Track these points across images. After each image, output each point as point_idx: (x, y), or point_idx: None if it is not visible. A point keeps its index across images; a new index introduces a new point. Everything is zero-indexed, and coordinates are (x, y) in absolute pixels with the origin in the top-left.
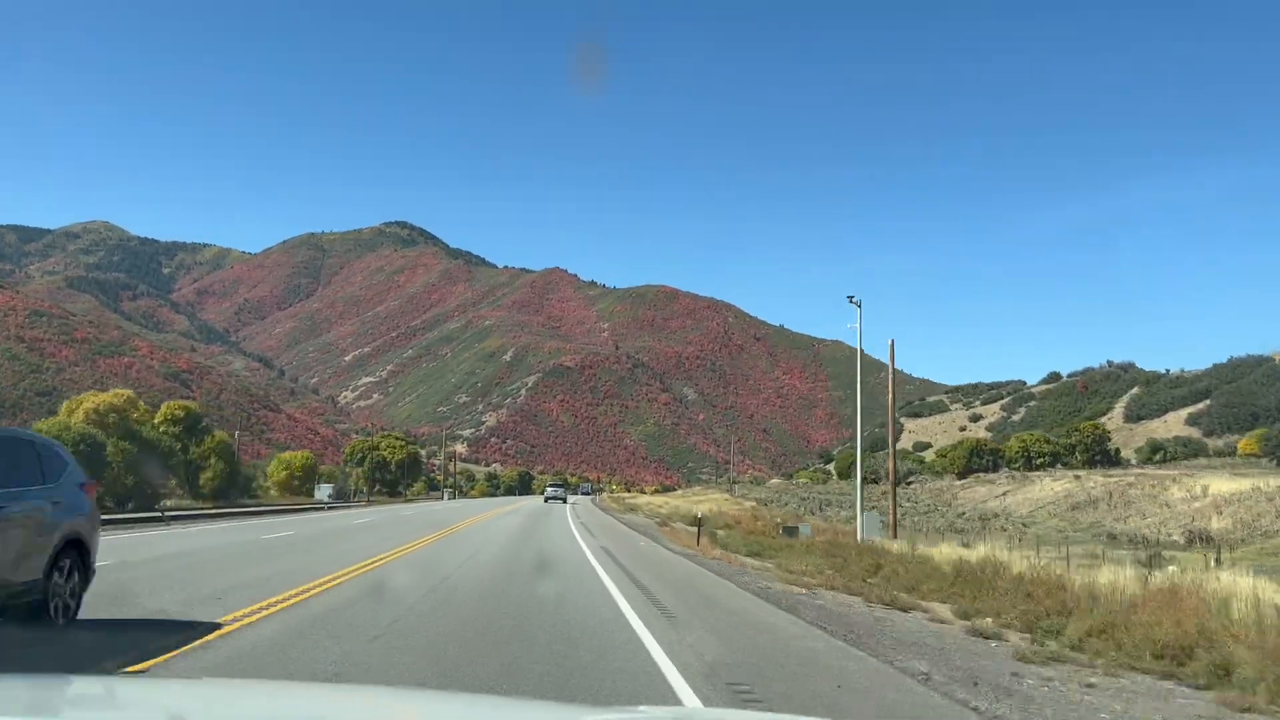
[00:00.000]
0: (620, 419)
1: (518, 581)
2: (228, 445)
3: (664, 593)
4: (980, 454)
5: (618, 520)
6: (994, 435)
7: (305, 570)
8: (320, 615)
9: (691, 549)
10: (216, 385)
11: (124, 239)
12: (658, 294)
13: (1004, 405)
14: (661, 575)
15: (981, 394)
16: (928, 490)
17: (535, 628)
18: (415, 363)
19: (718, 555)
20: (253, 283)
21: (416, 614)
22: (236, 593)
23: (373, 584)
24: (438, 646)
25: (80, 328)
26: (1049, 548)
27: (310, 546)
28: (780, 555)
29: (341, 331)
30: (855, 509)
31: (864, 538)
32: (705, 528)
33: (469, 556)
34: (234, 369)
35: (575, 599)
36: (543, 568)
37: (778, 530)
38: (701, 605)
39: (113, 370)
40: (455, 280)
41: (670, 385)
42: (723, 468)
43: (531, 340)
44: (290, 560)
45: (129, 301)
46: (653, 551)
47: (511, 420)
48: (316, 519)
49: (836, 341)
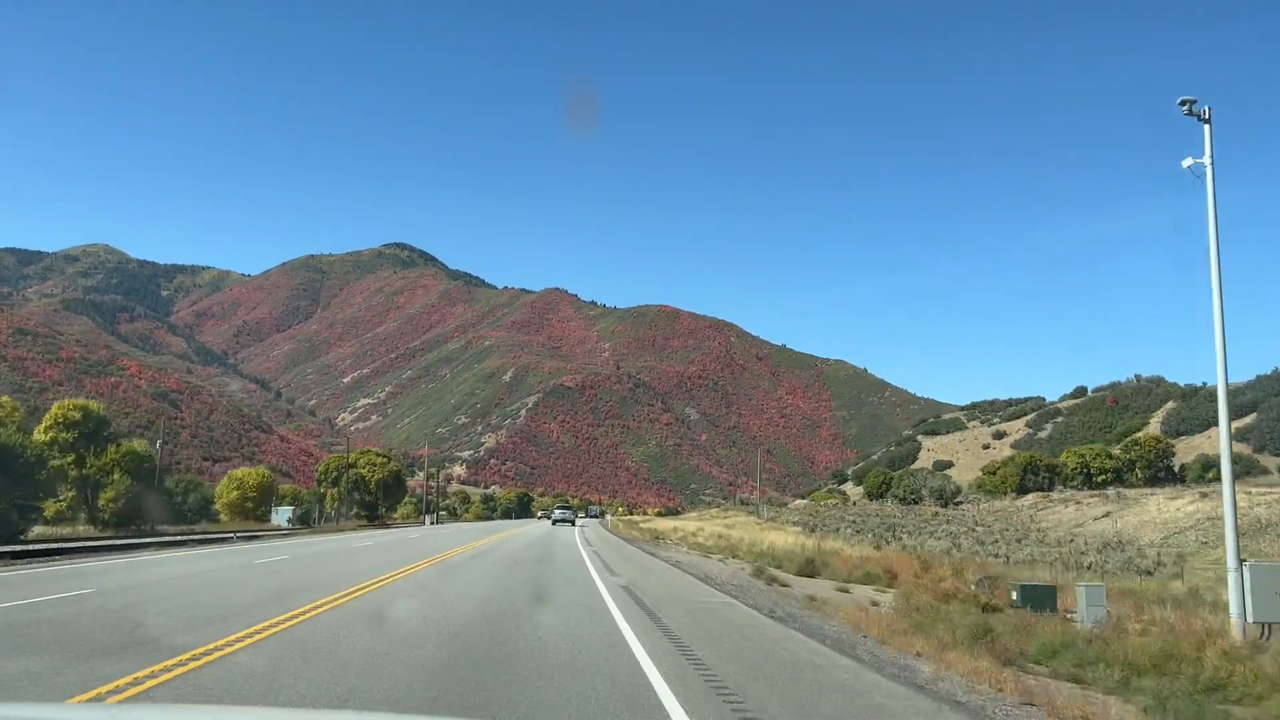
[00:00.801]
0: (621, 440)
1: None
2: (139, 457)
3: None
4: (1034, 470)
5: (660, 560)
6: (1022, 451)
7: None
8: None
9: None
10: (207, 405)
11: (123, 261)
12: (658, 314)
13: (1029, 421)
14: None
15: (999, 410)
16: (987, 511)
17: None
18: (414, 384)
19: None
20: (252, 305)
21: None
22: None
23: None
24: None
25: (67, 347)
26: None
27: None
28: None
29: (340, 353)
30: (940, 537)
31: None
32: (832, 583)
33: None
34: (230, 390)
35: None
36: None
37: (979, 594)
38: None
39: (99, 390)
40: (455, 301)
41: (672, 405)
42: (726, 490)
43: (531, 360)
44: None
45: (126, 324)
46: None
47: (511, 441)
48: (210, 557)
49: (839, 361)
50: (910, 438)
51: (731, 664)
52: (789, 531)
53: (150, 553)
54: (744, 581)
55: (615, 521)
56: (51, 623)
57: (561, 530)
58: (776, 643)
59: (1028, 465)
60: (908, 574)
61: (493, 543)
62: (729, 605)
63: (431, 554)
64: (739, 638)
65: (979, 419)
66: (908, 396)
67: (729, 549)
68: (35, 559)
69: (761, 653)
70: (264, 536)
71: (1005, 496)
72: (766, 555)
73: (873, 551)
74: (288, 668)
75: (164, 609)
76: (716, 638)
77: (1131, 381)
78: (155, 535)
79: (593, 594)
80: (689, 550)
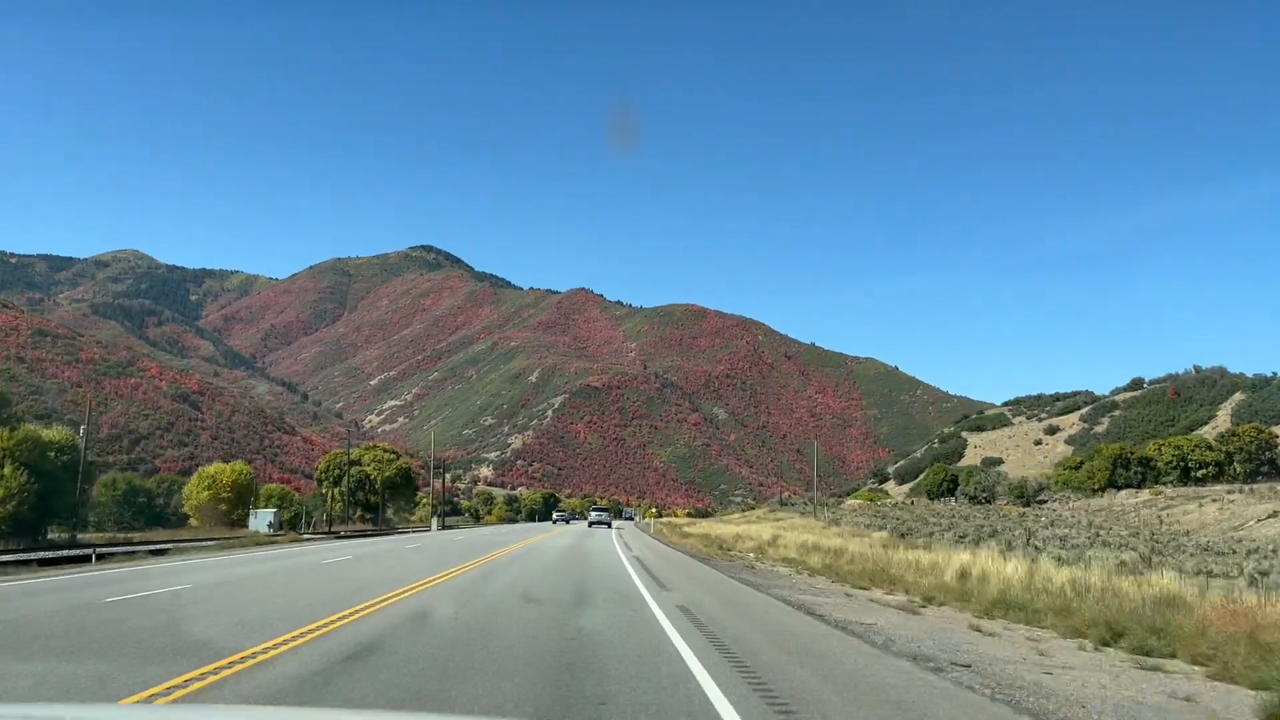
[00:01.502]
0: (649, 440)
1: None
2: (41, 445)
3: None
4: (1125, 464)
5: (808, 618)
6: (1078, 448)
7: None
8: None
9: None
10: (228, 407)
11: (152, 267)
12: (685, 312)
13: (1083, 416)
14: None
15: (1045, 406)
16: (1084, 510)
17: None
18: (440, 385)
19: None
20: (279, 308)
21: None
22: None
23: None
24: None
25: (87, 348)
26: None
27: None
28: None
29: (367, 356)
30: (1097, 545)
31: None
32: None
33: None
34: (257, 393)
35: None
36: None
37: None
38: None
39: (118, 391)
40: (481, 303)
41: (700, 405)
42: (756, 490)
43: (557, 361)
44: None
45: (154, 328)
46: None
47: (538, 442)
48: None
49: (870, 359)
50: (954, 434)
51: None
52: (873, 538)
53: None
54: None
55: (658, 526)
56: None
57: (595, 539)
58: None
59: (1117, 459)
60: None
61: (501, 559)
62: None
63: (394, 586)
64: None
65: (1024, 414)
66: (940, 394)
67: (858, 573)
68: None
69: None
70: (182, 550)
71: (1100, 493)
72: (953, 589)
73: (1059, 571)
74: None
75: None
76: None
77: (1190, 373)
78: (49, 548)
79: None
80: (791, 570)
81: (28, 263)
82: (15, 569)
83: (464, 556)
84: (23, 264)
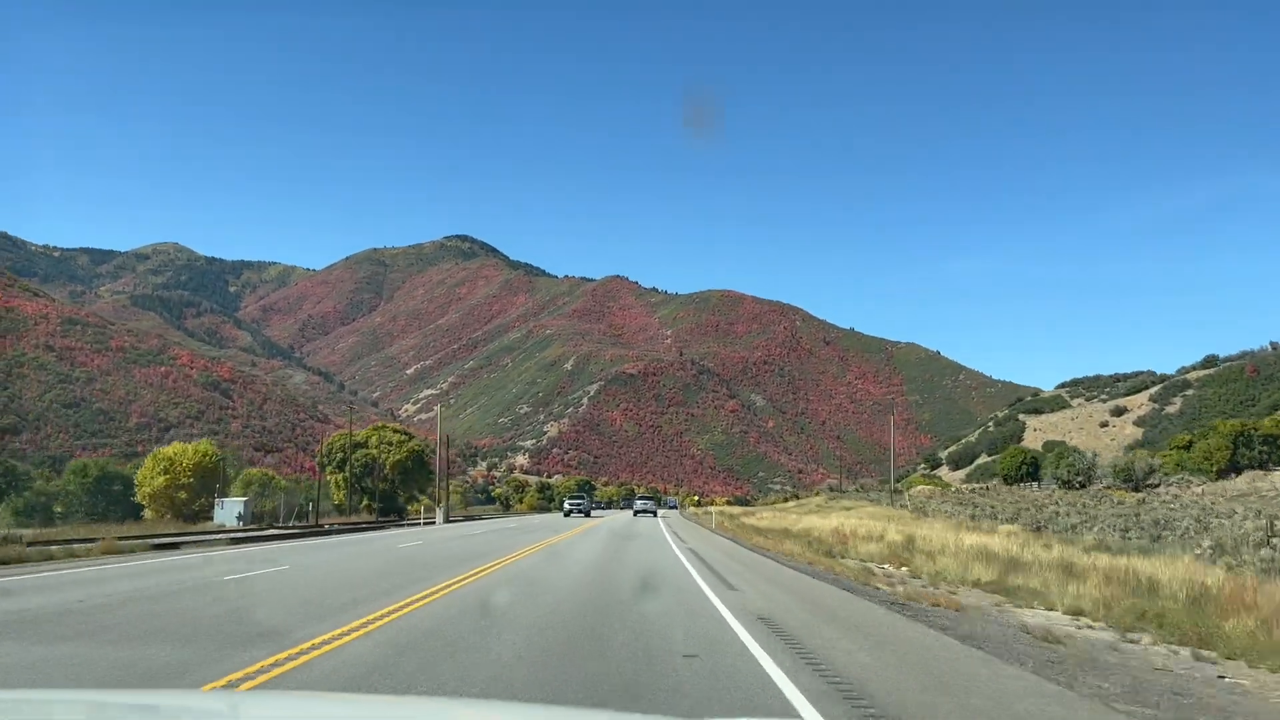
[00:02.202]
0: (686, 427)
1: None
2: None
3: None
4: (1248, 443)
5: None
6: (1149, 429)
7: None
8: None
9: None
10: (260, 395)
11: (192, 259)
12: (721, 298)
13: (1153, 396)
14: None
15: (1104, 387)
16: (1213, 494)
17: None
18: (476, 374)
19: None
20: (317, 299)
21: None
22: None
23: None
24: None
25: (117, 336)
26: None
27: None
28: None
29: (404, 345)
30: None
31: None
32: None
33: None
34: (294, 382)
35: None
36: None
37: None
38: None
39: (148, 380)
40: (516, 291)
41: (737, 392)
42: (796, 477)
43: (593, 348)
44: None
45: (193, 319)
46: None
47: (573, 430)
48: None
49: (910, 344)
50: (1010, 417)
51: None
52: (1000, 533)
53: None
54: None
55: (718, 517)
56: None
57: (638, 542)
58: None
59: (1239, 436)
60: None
61: (493, 574)
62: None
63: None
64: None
65: (1082, 396)
66: (983, 379)
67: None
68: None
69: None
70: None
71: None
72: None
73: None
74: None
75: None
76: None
77: (1267, 350)
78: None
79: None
80: (1035, 606)
81: (70, 256)
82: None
83: (429, 576)
84: (65, 257)
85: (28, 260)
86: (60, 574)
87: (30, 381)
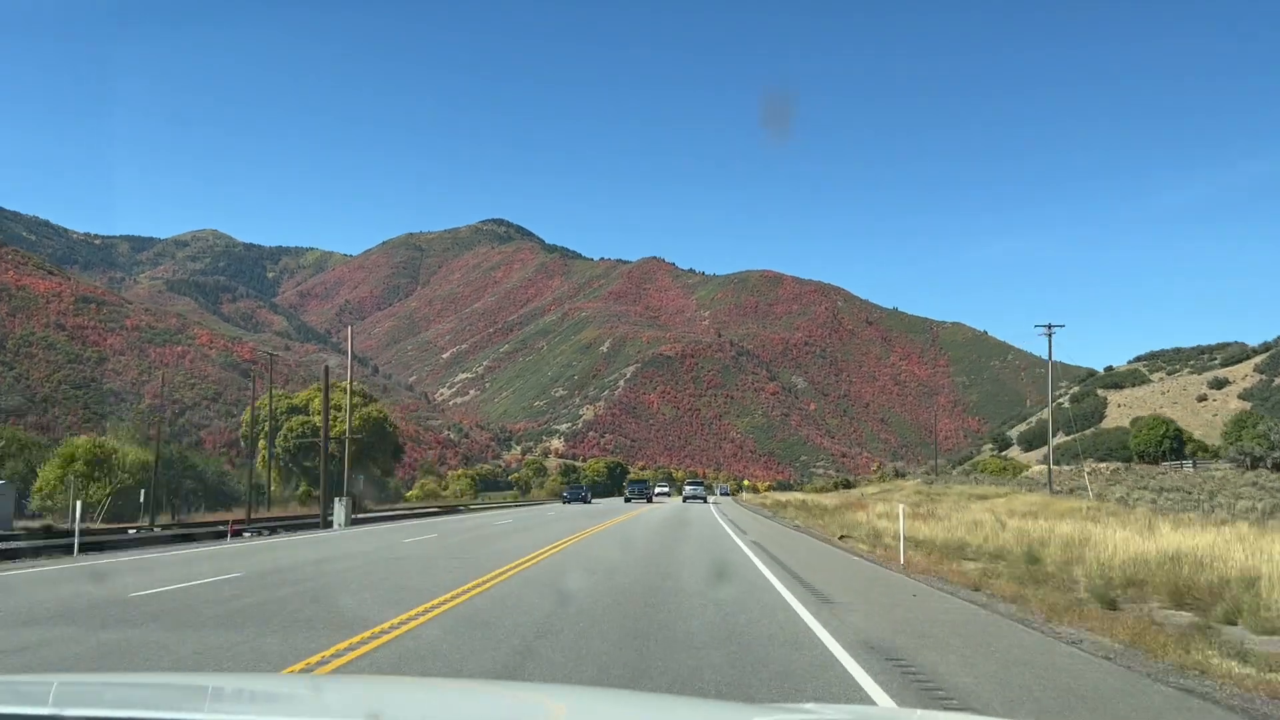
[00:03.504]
0: (725, 410)
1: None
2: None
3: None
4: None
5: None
6: (1258, 403)
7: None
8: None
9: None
10: (281, 376)
11: (230, 245)
12: (760, 279)
13: (1258, 366)
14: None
15: (1188, 359)
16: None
17: None
18: (511, 358)
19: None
20: (354, 284)
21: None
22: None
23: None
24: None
25: (133, 315)
26: None
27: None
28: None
29: (440, 329)
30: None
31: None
32: None
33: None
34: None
35: None
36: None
37: None
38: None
39: (163, 359)
40: (552, 274)
41: (778, 374)
42: (839, 461)
43: (629, 330)
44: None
45: (229, 304)
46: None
47: (610, 413)
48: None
49: (957, 324)
50: (1086, 393)
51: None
52: (1235, 529)
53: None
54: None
55: (805, 514)
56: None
57: (688, 544)
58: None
59: None
60: None
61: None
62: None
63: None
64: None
65: (1162, 370)
66: (1033, 359)
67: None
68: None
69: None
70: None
71: None
72: None
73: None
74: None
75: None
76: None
77: None
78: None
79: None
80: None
81: (111, 244)
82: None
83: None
84: (106, 245)
85: (69, 248)
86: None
87: (39, 361)
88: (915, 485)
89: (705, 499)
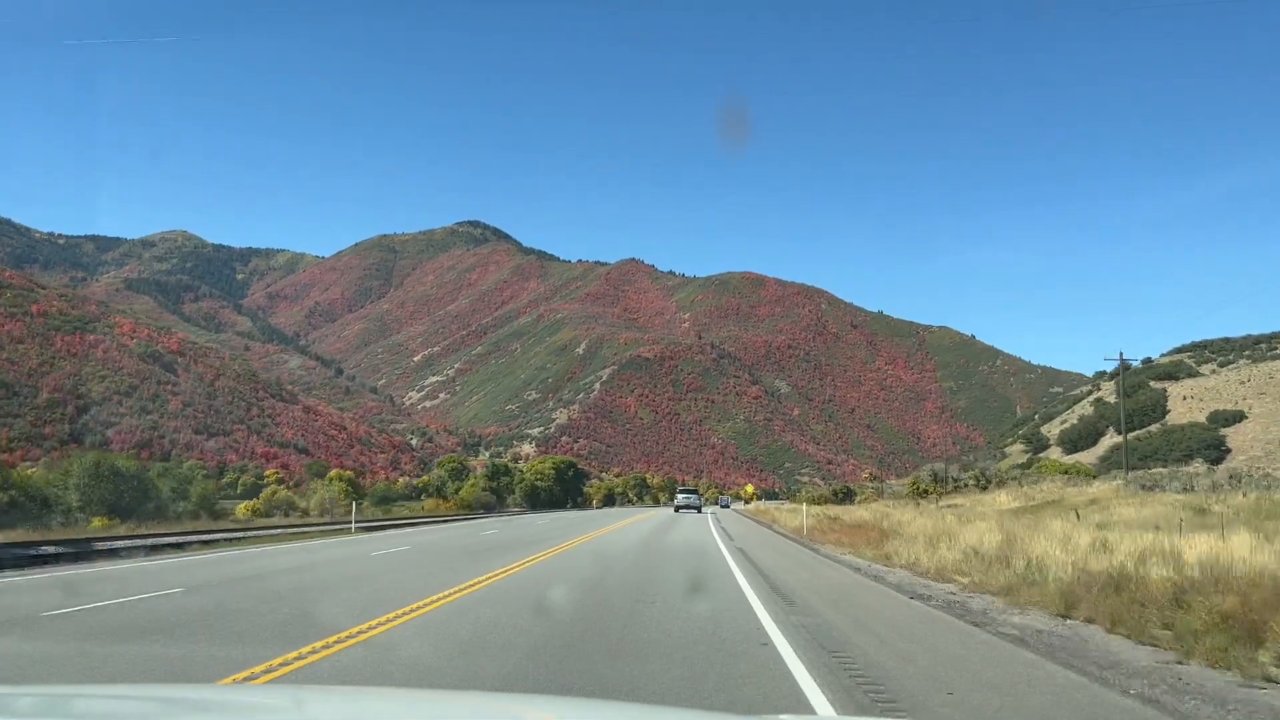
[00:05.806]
0: (705, 415)
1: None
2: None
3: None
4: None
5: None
6: None
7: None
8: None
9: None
10: (212, 370)
11: (199, 246)
12: (742, 281)
13: None
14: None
15: (1243, 350)
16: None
17: None
18: (483, 360)
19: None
20: (324, 286)
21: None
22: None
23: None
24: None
25: (42, 300)
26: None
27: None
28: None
29: (412, 332)
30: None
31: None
32: None
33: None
34: (289, 366)
35: None
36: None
37: None
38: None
39: (71, 349)
40: (528, 277)
41: (760, 377)
42: (824, 469)
43: (606, 332)
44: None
45: (191, 303)
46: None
47: (584, 417)
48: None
49: (943, 328)
50: (1141, 385)
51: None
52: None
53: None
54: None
55: (839, 528)
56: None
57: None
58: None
59: None
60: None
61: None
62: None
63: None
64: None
65: (1211, 360)
66: (1022, 364)
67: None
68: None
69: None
70: None
71: None
72: None
73: None
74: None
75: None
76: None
77: None
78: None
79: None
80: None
81: (75, 243)
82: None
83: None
84: (71, 245)
85: (29, 247)
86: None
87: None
88: (962, 499)
89: (700, 509)
